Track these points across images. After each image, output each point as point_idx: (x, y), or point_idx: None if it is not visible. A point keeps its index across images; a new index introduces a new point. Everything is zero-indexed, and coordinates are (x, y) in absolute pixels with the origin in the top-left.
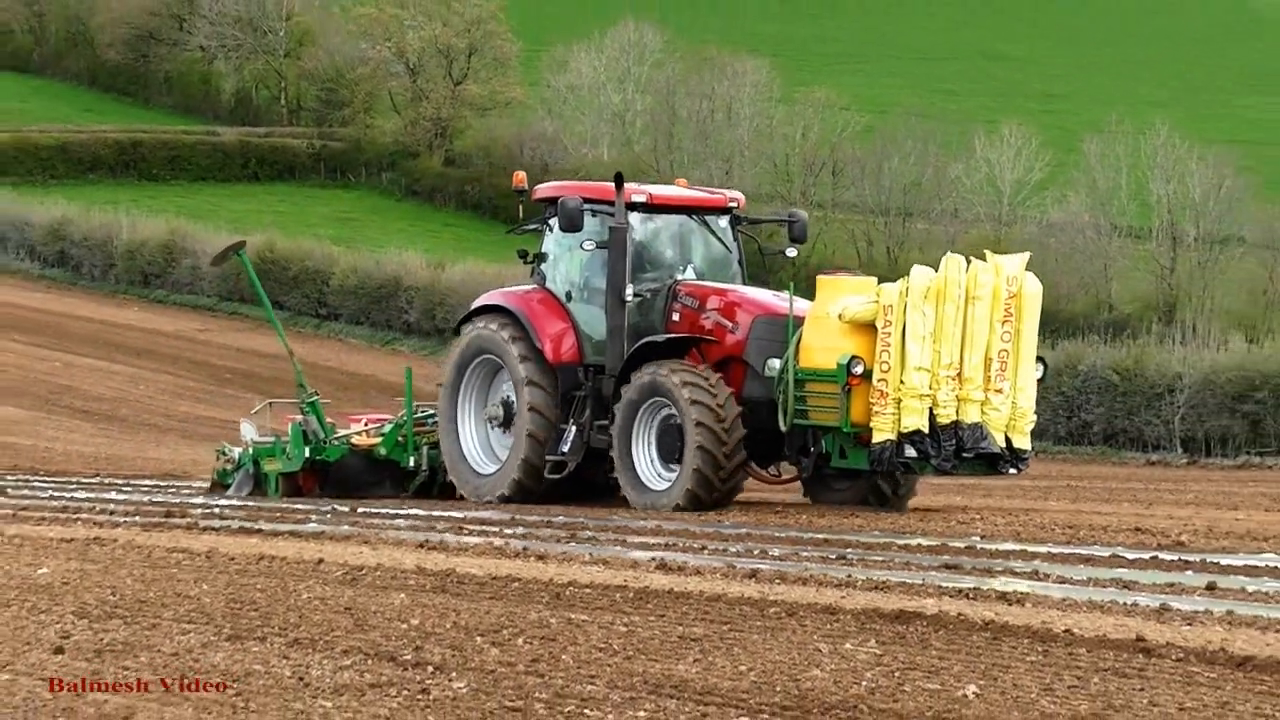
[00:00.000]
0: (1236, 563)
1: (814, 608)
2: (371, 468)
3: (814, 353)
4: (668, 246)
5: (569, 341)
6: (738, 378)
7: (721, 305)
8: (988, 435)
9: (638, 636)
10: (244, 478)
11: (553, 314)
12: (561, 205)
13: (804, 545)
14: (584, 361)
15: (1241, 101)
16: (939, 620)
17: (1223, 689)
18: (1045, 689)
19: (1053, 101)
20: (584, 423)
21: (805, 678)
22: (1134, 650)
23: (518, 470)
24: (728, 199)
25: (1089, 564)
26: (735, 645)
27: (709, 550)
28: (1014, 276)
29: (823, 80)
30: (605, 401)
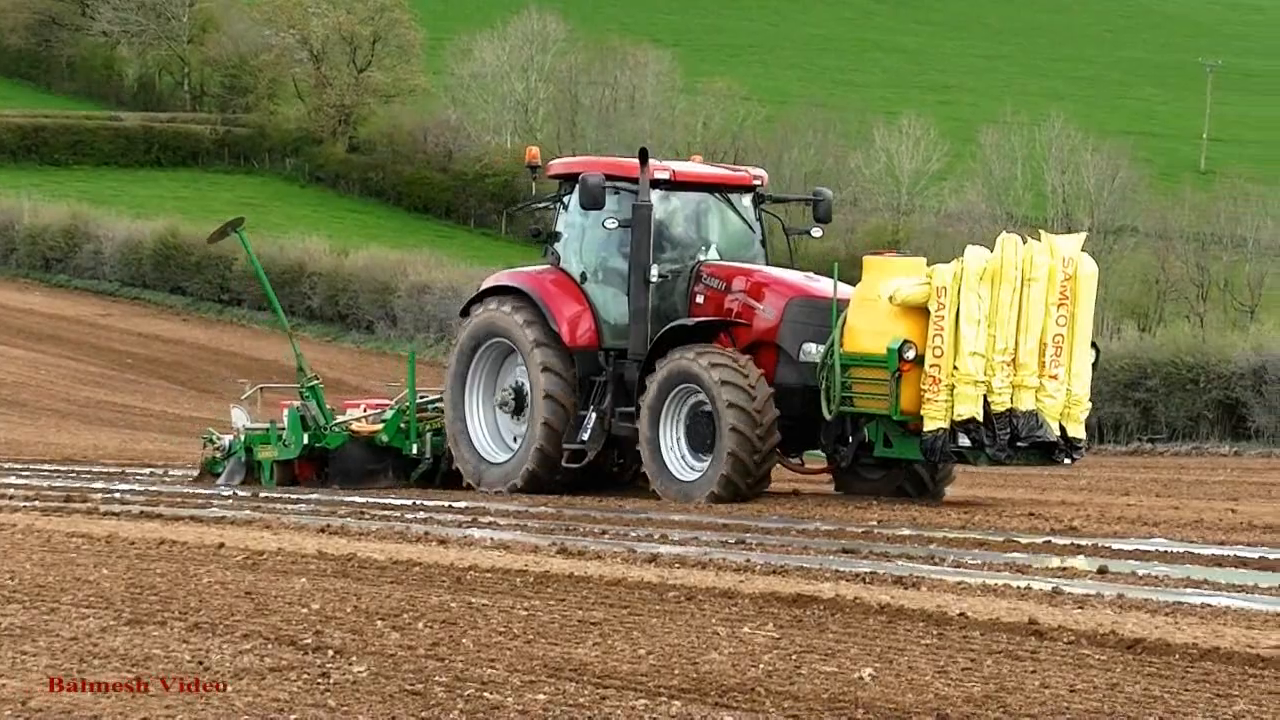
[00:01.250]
0: (1127, 547)
1: (713, 592)
2: (373, 455)
3: (860, 336)
4: (689, 225)
5: (586, 324)
6: (769, 363)
7: (748, 286)
8: (1043, 424)
9: (538, 620)
10: (236, 466)
11: (569, 295)
12: (583, 182)
13: (704, 530)
14: (602, 345)
15: (1134, 94)
16: (836, 604)
17: (1113, 671)
18: (940, 671)
19: (950, 93)
20: (605, 410)
21: (703, 661)
22: (1026, 633)
23: (532, 460)
24: (751, 177)
25: (983, 548)
26: (634, 629)
27: (609, 535)
28: (1070, 258)
29: (724, 71)
30: (627, 387)
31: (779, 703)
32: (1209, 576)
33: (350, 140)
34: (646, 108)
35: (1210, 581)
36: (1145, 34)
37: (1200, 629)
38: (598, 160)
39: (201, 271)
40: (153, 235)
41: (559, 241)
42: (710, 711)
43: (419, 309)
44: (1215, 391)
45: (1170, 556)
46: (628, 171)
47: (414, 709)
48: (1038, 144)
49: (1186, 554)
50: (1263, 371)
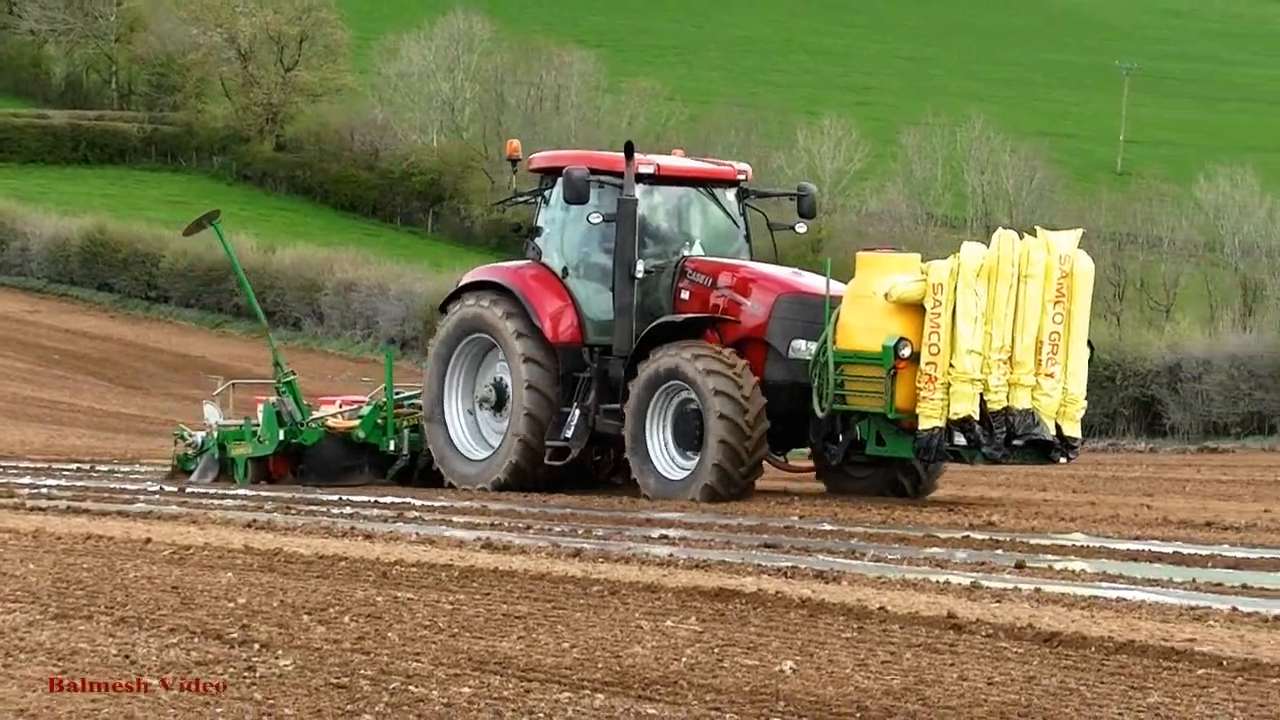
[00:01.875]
0: (1045, 542)
1: (636, 586)
2: (349, 452)
3: (854, 333)
4: (673, 220)
5: (569, 320)
6: (757, 359)
7: (734, 282)
8: (1040, 422)
9: (463, 614)
10: (209, 463)
11: (551, 291)
12: (567, 176)
13: (627, 525)
14: (585, 341)
15: (1053, 96)
16: (758, 598)
17: (1030, 663)
18: (860, 664)
19: (871, 94)
20: (589, 406)
21: (627, 654)
22: (945, 626)
23: (515, 453)
24: (736, 171)
25: (903, 543)
26: (558, 623)
27: (534, 530)
28: (1066, 255)
29: (648, 71)
30: (612, 384)
31: (701, 695)
32: (1124, 571)
33: (277, 138)
34: (571, 107)
35: (1125, 576)
36: (1064, 37)
37: (1116, 623)
38: (581, 154)
39: (129, 268)
40: (80, 232)
41: (540, 236)
42: (633, 704)
43: (346, 306)
44: (1131, 389)
45: (1087, 551)
46: (612, 165)
47: (339, 702)
48: (958, 145)
49: (1103, 549)
50: (1178, 369)
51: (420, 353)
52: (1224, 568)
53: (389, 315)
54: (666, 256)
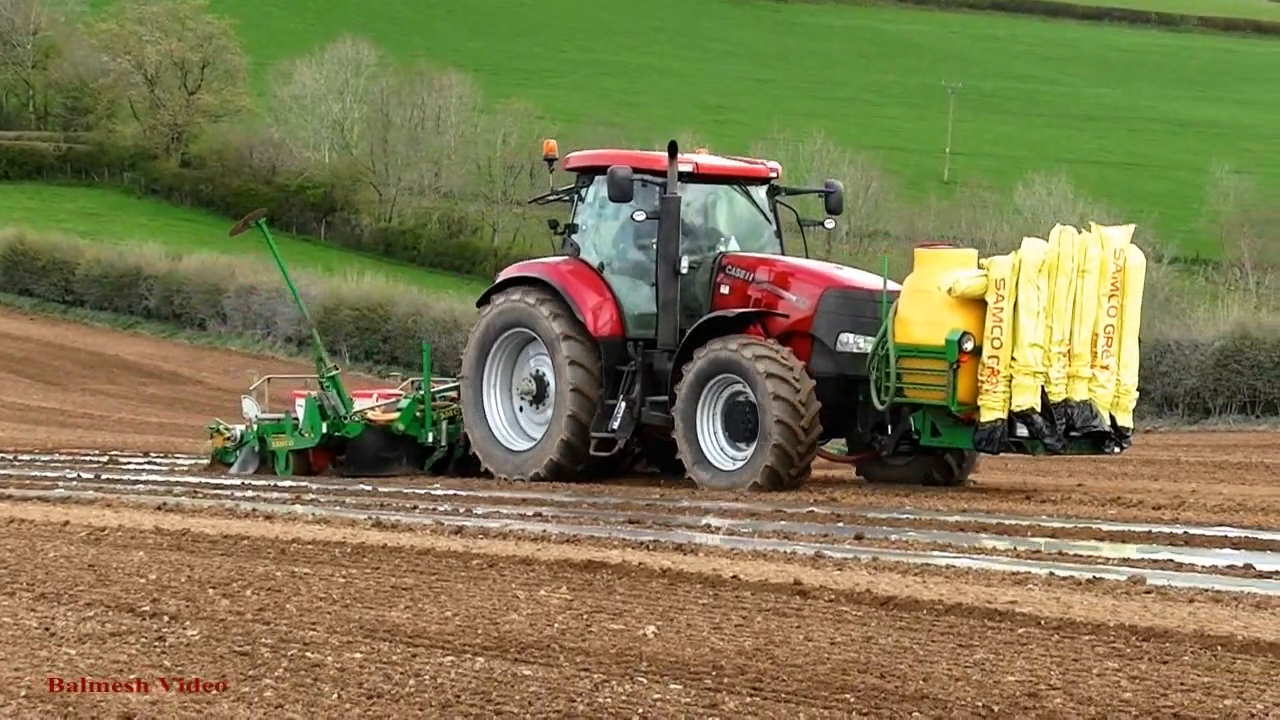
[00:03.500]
0: (881, 515)
1: (512, 559)
2: (389, 444)
3: (913, 327)
4: (709, 217)
5: (609, 313)
6: (803, 352)
7: (773, 276)
8: (1097, 413)
9: (355, 587)
10: (249, 456)
11: (590, 286)
12: (611, 175)
13: (505, 504)
14: (626, 335)
15: (885, 113)
16: (623, 569)
17: (868, 625)
18: (715, 628)
19: (723, 113)
20: (634, 399)
21: (504, 621)
22: (792, 593)
23: (556, 451)
24: (768, 169)
25: (754, 518)
26: (442, 593)
27: (420, 509)
28: (1120, 249)
29: (520, 93)
30: (657, 377)
31: (572, 658)
32: (953, 541)
33: (182, 156)
34: (451, 126)
35: (954, 545)
36: (894, 60)
37: (945, 587)
38: (618, 153)
39: (47, 274)
40: (2, 243)
41: (577, 233)
42: (510, 666)
43: (247, 307)
44: None
45: (919, 523)
46: (652, 164)
47: (242, 668)
48: (801, 157)
49: (934, 521)
50: None
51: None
52: (1043, 536)
53: (286, 316)
54: (703, 252)
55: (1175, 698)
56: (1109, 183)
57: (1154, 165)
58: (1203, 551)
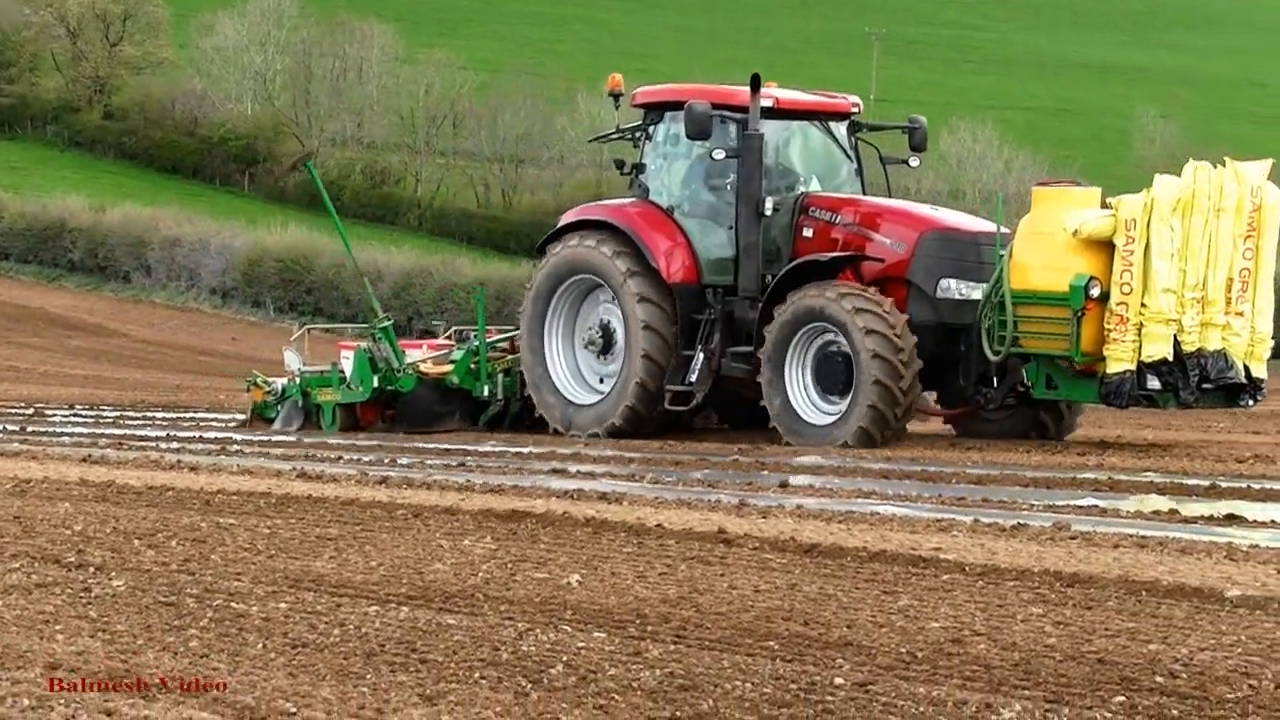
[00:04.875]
0: (806, 462)
1: (436, 509)
2: (442, 398)
3: (1030, 272)
4: (788, 155)
5: (682, 258)
6: (899, 299)
7: (858, 218)
8: (1232, 364)
9: (279, 537)
10: (292, 410)
11: (662, 229)
12: (689, 111)
13: (429, 455)
14: (701, 281)
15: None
16: (547, 518)
17: (792, 572)
18: (639, 576)
19: (645, 61)
20: (713, 350)
21: (429, 570)
22: (716, 541)
23: (633, 396)
24: (850, 104)
25: (679, 466)
26: (366, 543)
27: (344, 460)
28: (1257, 187)
29: (442, 42)
30: (738, 326)
31: (496, 606)
32: (877, 489)
33: (105, 108)
34: (373, 76)
35: (878, 493)
36: (819, 7)
37: (869, 534)
38: (693, 88)
39: None
40: None
41: (645, 173)
42: (435, 615)
43: (171, 260)
44: None
45: (843, 471)
46: (729, 99)
47: (168, 619)
48: None
49: (858, 469)
50: None
51: (241, 301)
52: (967, 483)
53: (210, 268)
54: (782, 192)
55: (1100, 643)
56: (1036, 129)
57: (1081, 111)
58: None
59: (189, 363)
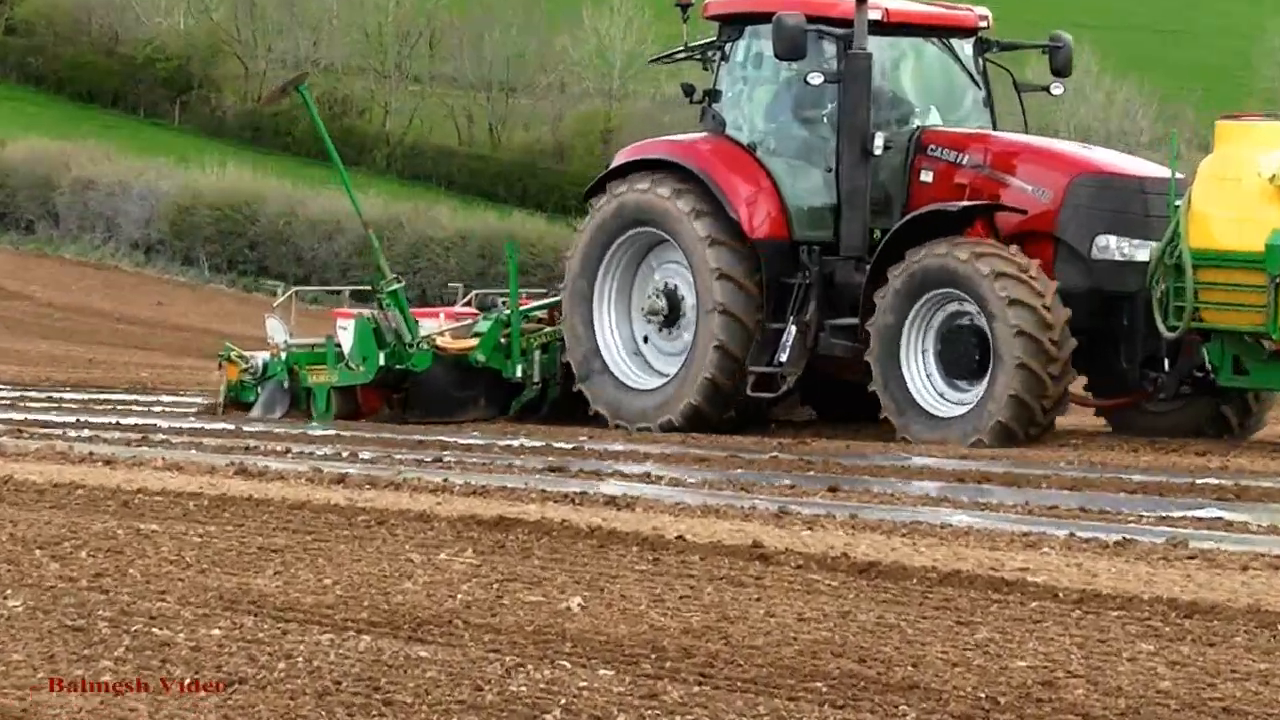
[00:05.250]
0: (860, 463)
1: (406, 515)
2: (463, 380)
3: (1216, 227)
4: (901, 80)
5: (768, 208)
6: (1044, 259)
7: (991, 159)
8: None
9: (213, 548)
10: (276, 393)
11: (742, 171)
12: (779, 25)
13: (398, 448)
14: (791, 236)
15: None
16: (541, 527)
17: (844, 597)
18: (655, 600)
19: None
20: (808, 322)
21: (396, 591)
22: (750, 557)
23: (699, 394)
24: (976, 17)
25: (704, 465)
26: (320, 556)
27: (293, 453)
28: None
29: None
30: (838, 293)
31: (478, 636)
32: (949, 493)
33: (6, 21)
34: None
35: (950, 499)
36: None
37: (940, 551)
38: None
39: None
40: None
41: (720, 102)
42: (403, 646)
43: (83, 206)
44: None
45: (907, 472)
46: (826, 10)
47: (75, 646)
48: None
49: (925, 469)
50: None
51: (168, 257)
52: (1061, 488)
53: (132, 216)
54: (893, 126)
55: (1225, 688)
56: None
57: (1196, 31)
58: None
59: (104, 332)
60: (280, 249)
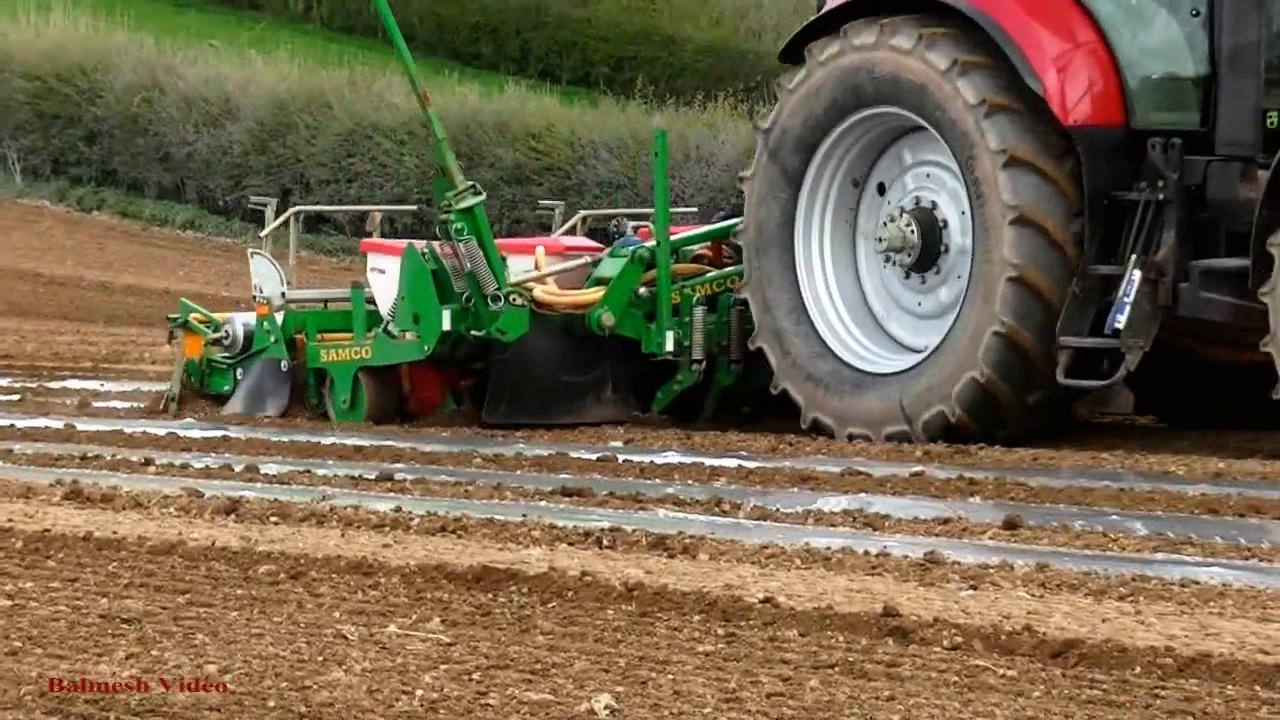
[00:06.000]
0: (1056, 484)
1: (336, 565)
2: (578, 355)
3: None
4: None
5: (1094, 76)
6: None
7: None
8: None
9: (29, 616)
10: (267, 376)
11: (1050, 17)
12: None
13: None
14: (1131, 122)
15: None
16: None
17: (1027, 696)
18: (728, 699)
19: None
20: (1160, 263)
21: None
22: (880, 632)
23: (990, 360)
24: None
25: (806, 483)
26: (199, 630)
27: (156, 465)
28: None
29: None
30: (1210, 219)
31: None
32: (1195, 529)
33: None
34: None
35: (1194, 540)
36: None
37: (1180, 623)
38: None
39: None
40: None
41: None
42: None
43: None
44: None
45: (1134, 499)
46: None
47: None
48: None
49: (1159, 494)
50: None
51: None
52: None
53: None
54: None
55: None
56: None
57: None
58: None
59: None
60: (136, 144)
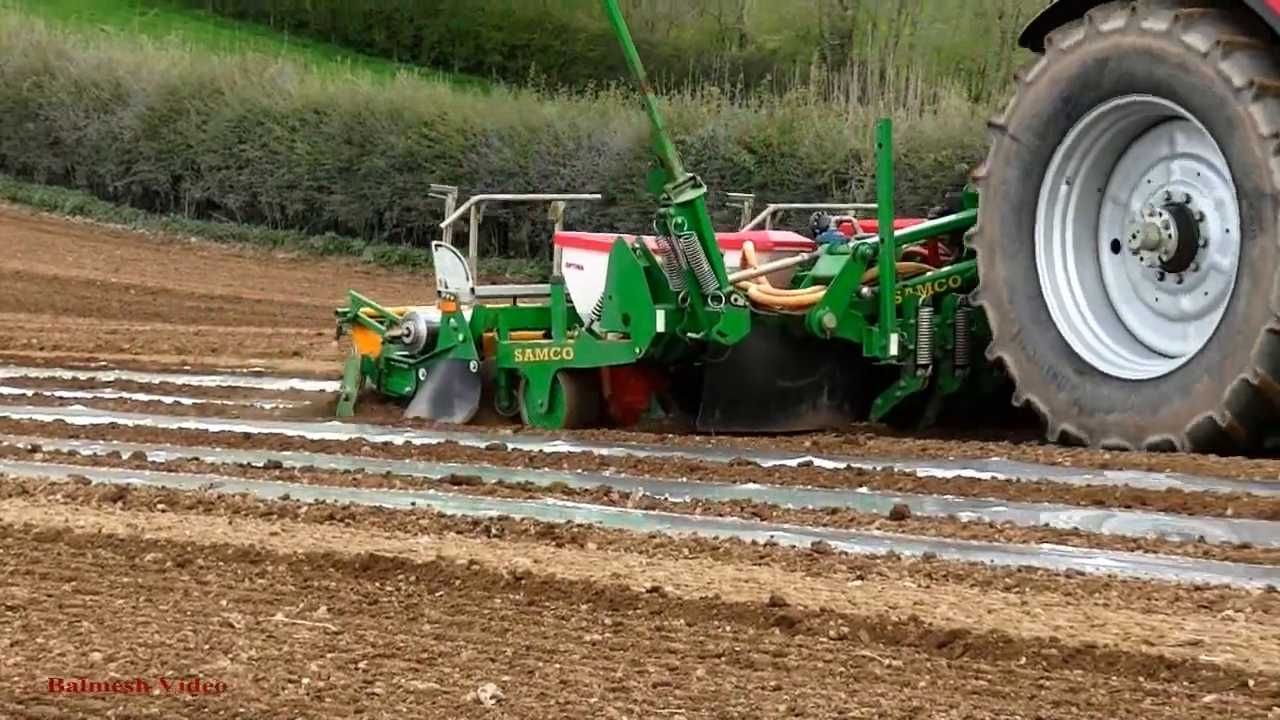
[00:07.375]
0: (943, 474)
1: (223, 553)
2: (796, 359)
3: None
4: None
5: None
6: None
7: None
8: None
9: None
10: (454, 377)
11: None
12: None
13: (208, 444)
14: None
15: None
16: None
17: (913, 685)
18: (615, 688)
19: None
20: None
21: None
22: (767, 621)
23: (1263, 361)
24: None
25: (695, 474)
26: (85, 619)
27: (43, 453)
28: None
29: None
30: None
31: None
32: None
33: None
34: None
35: (1079, 532)
36: None
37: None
38: None
39: None
40: None
41: None
42: None
43: None
44: None
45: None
46: None
47: None
48: None
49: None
50: None
51: None
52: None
53: None
54: None
55: None
56: None
57: None
58: None
59: None
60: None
